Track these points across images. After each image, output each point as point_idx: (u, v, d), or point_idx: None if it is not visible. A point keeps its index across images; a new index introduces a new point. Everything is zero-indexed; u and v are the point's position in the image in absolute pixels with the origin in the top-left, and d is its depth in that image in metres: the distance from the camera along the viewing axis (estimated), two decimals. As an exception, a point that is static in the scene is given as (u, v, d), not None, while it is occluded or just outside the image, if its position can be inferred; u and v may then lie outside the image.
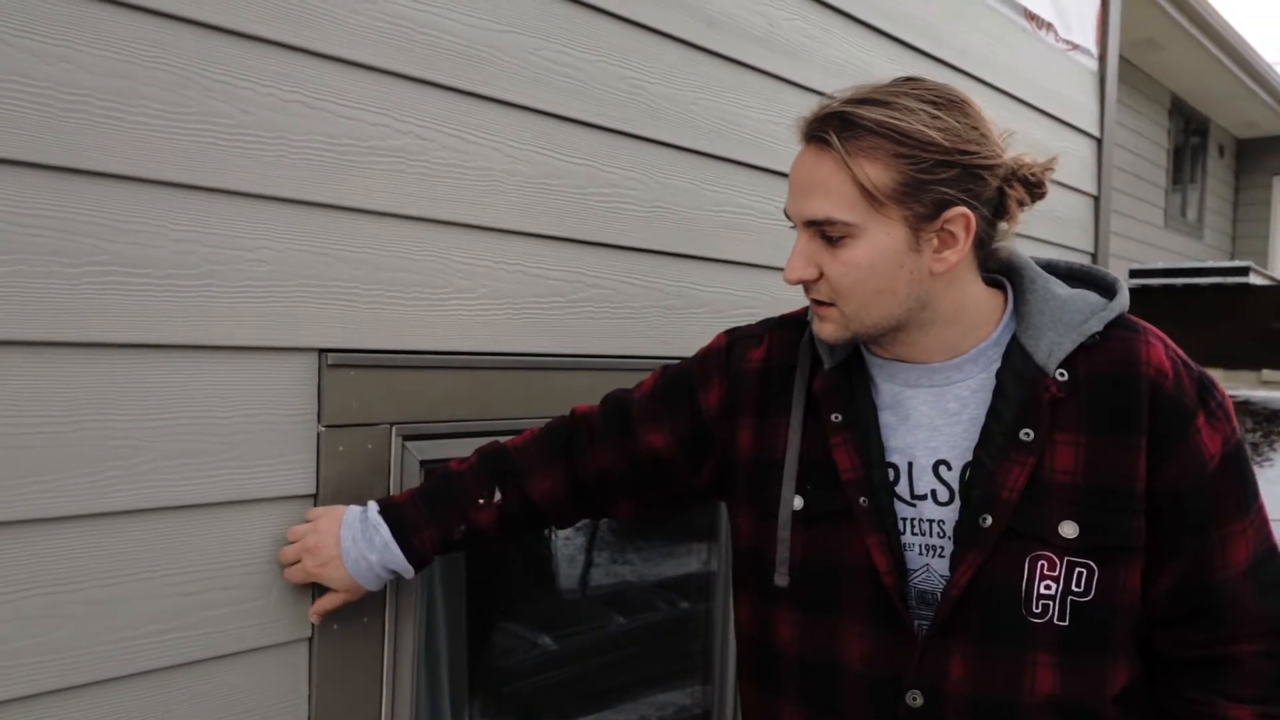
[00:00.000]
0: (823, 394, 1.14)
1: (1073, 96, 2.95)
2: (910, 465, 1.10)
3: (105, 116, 1.10)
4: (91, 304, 1.10)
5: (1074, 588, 1.02)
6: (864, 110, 1.02)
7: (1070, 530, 1.02)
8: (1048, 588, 1.03)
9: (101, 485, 1.12)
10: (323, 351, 1.31)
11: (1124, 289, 1.11)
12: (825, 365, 1.15)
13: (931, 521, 1.08)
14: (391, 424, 1.39)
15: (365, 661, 1.37)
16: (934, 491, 1.08)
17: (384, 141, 1.35)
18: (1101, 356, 1.06)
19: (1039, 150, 1.09)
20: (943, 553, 1.07)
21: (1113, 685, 1.05)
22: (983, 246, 1.09)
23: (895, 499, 1.10)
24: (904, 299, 1.06)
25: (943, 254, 1.05)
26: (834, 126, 1.03)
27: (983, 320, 1.11)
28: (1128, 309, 1.10)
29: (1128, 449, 1.03)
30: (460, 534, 1.27)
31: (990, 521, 1.04)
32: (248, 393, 1.24)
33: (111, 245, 1.11)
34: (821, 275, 1.07)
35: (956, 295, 1.08)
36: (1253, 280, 7.36)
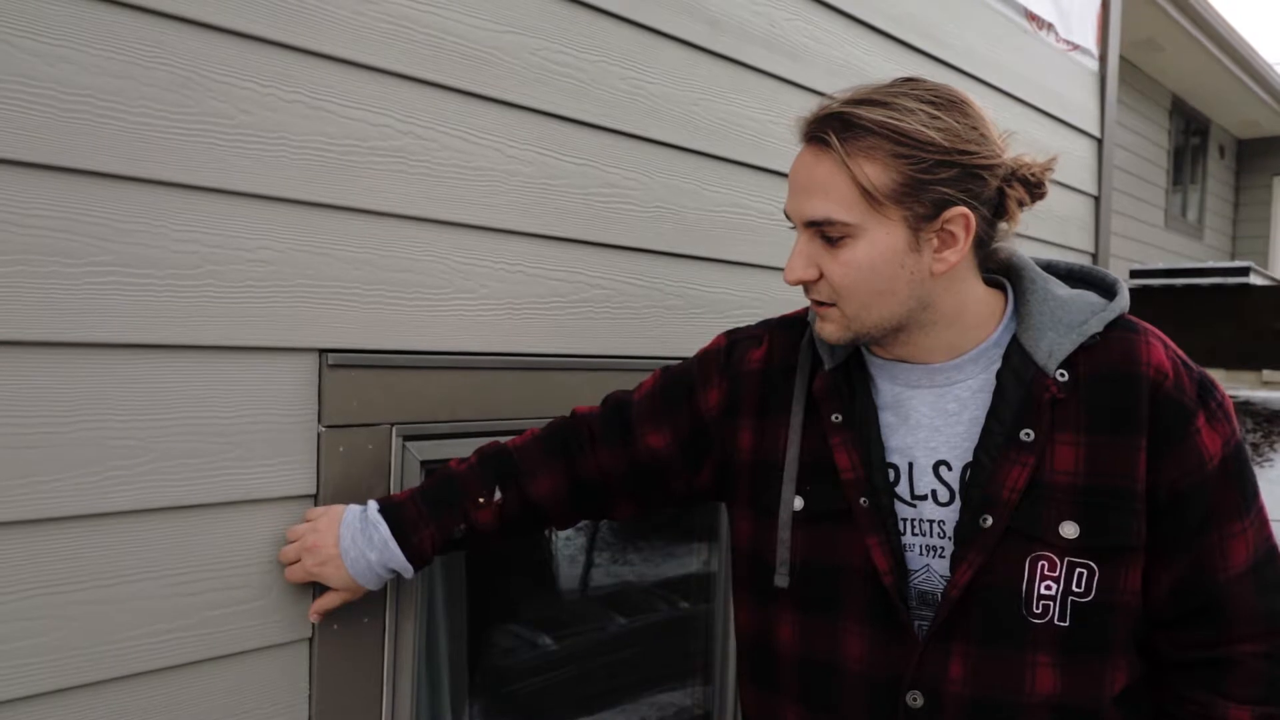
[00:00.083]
0: (823, 394, 1.15)
1: (1073, 97, 2.95)
2: (910, 466, 1.10)
3: (106, 116, 1.10)
4: (92, 304, 1.10)
5: (1074, 588, 1.02)
6: (863, 110, 1.02)
7: (1070, 531, 1.02)
8: (1048, 588, 1.03)
9: (102, 485, 1.12)
10: (323, 352, 1.31)
11: (1124, 289, 1.11)
12: (825, 365, 1.15)
13: (932, 522, 1.08)
14: (392, 424, 1.39)
15: (365, 661, 1.37)
16: (934, 492, 1.08)
17: (385, 142, 1.35)
18: (1102, 357, 1.06)
19: (1039, 150, 1.09)
20: (943, 553, 1.07)
21: (1113, 686, 1.05)
22: (983, 247, 1.09)
23: (895, 499, 1.10)
24: (904, 299, 1.06)
25: (943, 254, 1.05)
26: (833, 127, 1.03)
27: (983, 321, 1.11)
28: (1128, 309, 1.10)
29: (1128, 449, 1.03)
30: (460, 533, 1.27)
31: (990, 522, 1.04)
32: (248, 393, 1.24)
33: (112, 245, 1.12)
34: (821, 276, 1.07)
35: (957, 296, 1.09)
36: (1253, 280, 7.35)
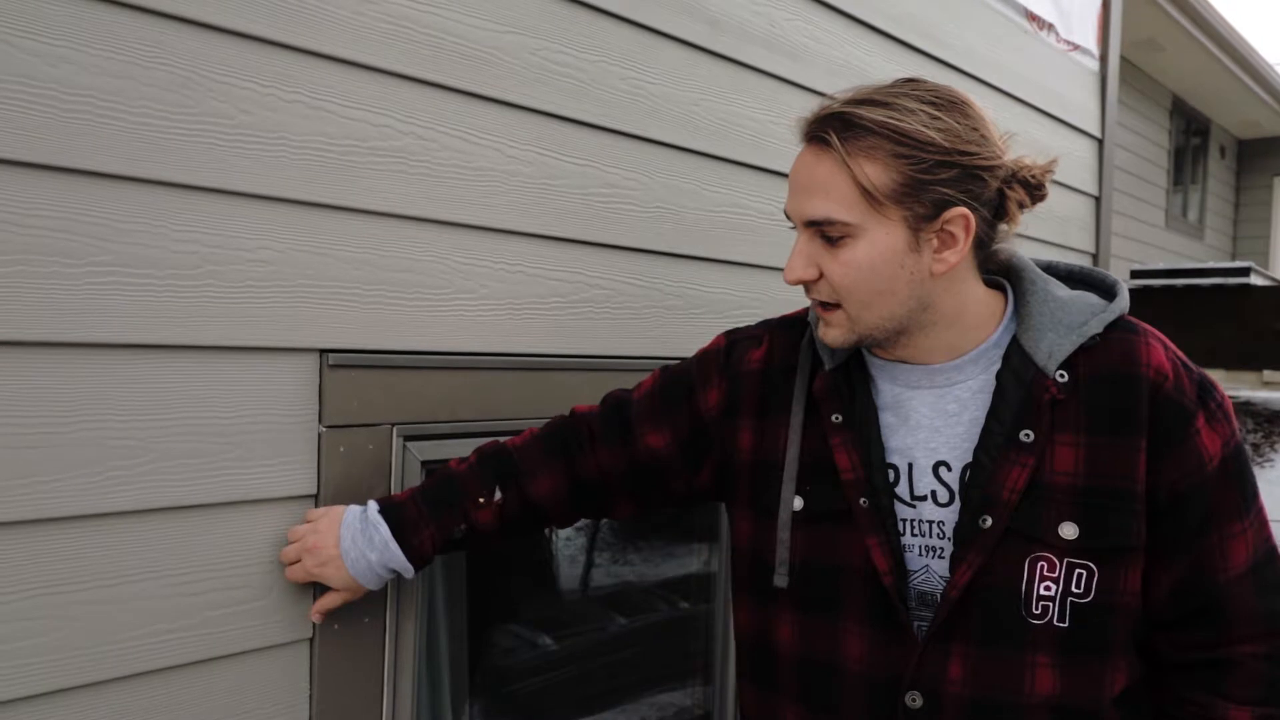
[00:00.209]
0: (823, 394, 1.15)
1: (1074, 97, 2.95)
2: (910, 466, 1.10)
3: (106, 117, 1.10)
4: (92, 304, 1.10)
5: (1074, 589, 1.02)
6: (864, 110, 1.02)
7: (1070, 531, 1.02)
8: (1047, 589, 1.03)
9: (102, 486, 1.12)
10: (324, 352, 1.31)
11: (1124, 290, 1.11)
12: (826, 366, 1.15)
13: (931, 523, 1.08)
14: (392, 424, 1.39)
15: (366, 661, 1.37)
16: (934, 493, 1.08)
17: (385, 142, 1.35)
18: (1101, 358, 1.06)
19: (1040, 151, 1.09)
20: (942, 554, 1.07)
21: (1112, 687, 1.05)
22: (983, 248, 1.09)
23: (895, 500, 1.10)
24: (904, 299, 1.06)
25: (942, 254, 1.05)
26: (834, 127, 1.03)
27: (983, 322, 1.11)
28: (1128, 310, 1.10)
29: (1128, 450, 1.03)
30: (460, 533, 1.27)
31: (990, 522, 1.04)
32: (249, 393, 1.24)
33: (112, 245, 1.12)
34: (821, 275, 1.07)
35: (957, 296, 1.09)
36: (1253, 281, 7.34)
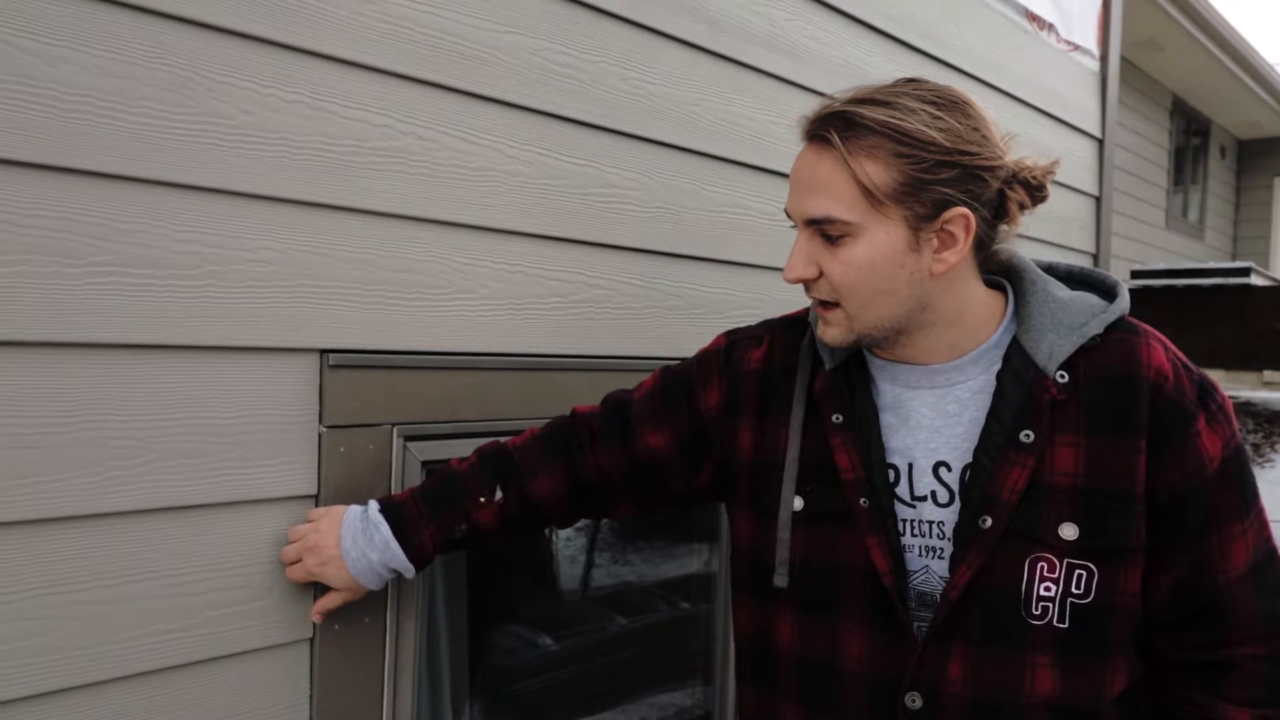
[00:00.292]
0: (823, 394, 1.15)
1: (1074, 97, 2.95)
2: (910, 466, 1.10)
3: (106, 117, 1.10)
4: (92, 304, 1.10)
5: (1074, 589, 1.02)
6: (865, 110, 1.02)
7: (1070, 532, 1.02)
8: (1047, 589, 1.03)
9: (102, 486, 1.12)
10: (324, 352, 1.31)
11: (1124, 291, 1.11)
12: (826, 366, 1.15)
13: (931, 523, 1.08)
14: (393, 424, 1.39)
15: (366, 661, 1.37)
16: (934, 493, 1.08)
17: (385, 142, 1.35)
18: (1102, 358, 1.06)
19: (1040, 151, 1.09)
20: (942, 554, 1.07)
21: (1112, 687, 1.05)
22: (983, 248, 1.09)
23: (895, 500, 1.10)
24: (904, 299, 1.06)
25: (942, 254, 1.05)
26: (835, 126, 1.03)
27: (983, 322, 1.11)
28: (1128, 311, 1.10)
29: (1128, 451, 1.03)
30: (461, 533, 1.27)
31: (990, 523, 1.04)
32: (249, 393, 1.24)
33: (112, 245, 1.12)
34: (821, 274, 1.07)
35: (957, 297, 1.09)
36: (1254, 281, 7.34)
